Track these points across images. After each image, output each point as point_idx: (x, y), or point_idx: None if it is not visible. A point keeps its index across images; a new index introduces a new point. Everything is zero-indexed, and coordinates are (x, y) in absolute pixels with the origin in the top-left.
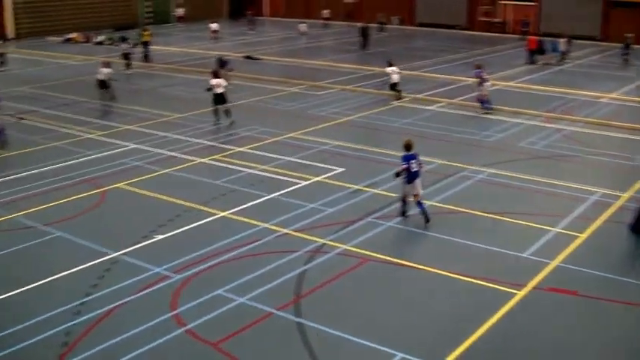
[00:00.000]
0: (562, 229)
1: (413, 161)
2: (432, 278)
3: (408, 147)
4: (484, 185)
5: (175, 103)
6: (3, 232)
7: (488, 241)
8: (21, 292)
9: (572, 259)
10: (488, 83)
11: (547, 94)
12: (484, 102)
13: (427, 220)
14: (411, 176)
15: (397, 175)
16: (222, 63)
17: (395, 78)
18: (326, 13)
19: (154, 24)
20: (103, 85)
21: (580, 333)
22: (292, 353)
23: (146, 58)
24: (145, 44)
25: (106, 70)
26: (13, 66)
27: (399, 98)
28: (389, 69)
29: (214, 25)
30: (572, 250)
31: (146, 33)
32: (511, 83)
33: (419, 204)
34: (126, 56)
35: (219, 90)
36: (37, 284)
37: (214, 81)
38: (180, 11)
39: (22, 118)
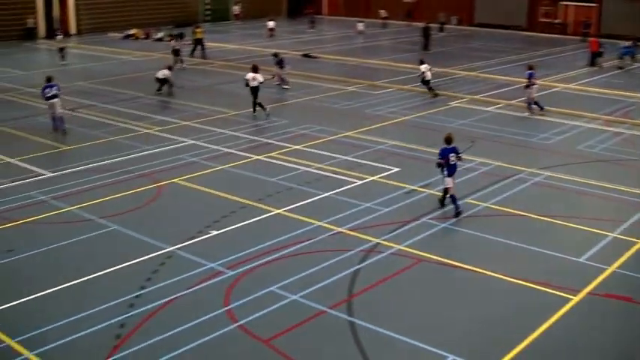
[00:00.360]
0: (619, 234)
1: (452, 155)
2: (486, 280)
3: (448, 140)
4: (541, 188)
5: (232, 100)
6: (61, 224)
7: (544, 244)
8: (77, 283)
9: (628, 265)
10: (536, 86)
11: (608, 97)
12: (530, 103)
13: (457, 215)
14: (450, 169)
15: (439, 165)
16: (278, 61)
17: (428, 75)
18: (384, 12)
19: (213, 21)
20: (162, 82)
21: (635, 340)
22: (343, 352)
23: (201, 55)
24: (198, 41)
25: (166, 72)
26: (74, 61)
27: (436, 95)
28: (422, 67)
29: (271, 23)
30: (629, 256)
31: (198, 30)
32: (571, 85)
33: (452, 197)
34: (176, 52)
35: (254, 83)
36: (92, 276)
37: (250, 75)
38: (236, 9)
39: (73, 110)
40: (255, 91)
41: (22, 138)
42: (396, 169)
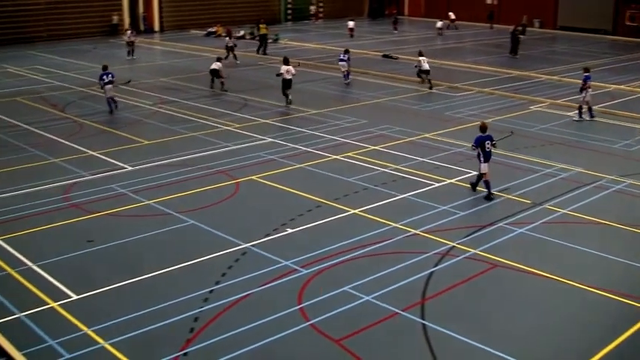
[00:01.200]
0: None
1: (487, 142)
2: (563, 289)
3: (483, 129)
4: (622, 196)
5: (311, 99)
6: (140, 217)
7: (624, 254)
8: (154, 275)
9: None
10: (590, 90)
11: None
12: (581, 109)
13: (488, 198)
14: (486, 155)
15: (474, 147)
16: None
17: (425, 66)
18: (452, 15)
19: (294, 20)
20: (215, 74)
21: None
22: (415, 355)
23: (262, 51)
24: (263, 37)
25: (218, 64)
26: (157, 57)
27: (430, 87)
28: (420, 58)
29: (351, 23)
30: None
31: (262, 26)
32: None
33: (486, 182)
34: (230, 49)
35: (288, 76)
36: (168, 269)
37: (284, 68)
38: (312, 9)
39: (155, 105)
40: (287, 83)
41: (105, 132)
42: (474, 173)
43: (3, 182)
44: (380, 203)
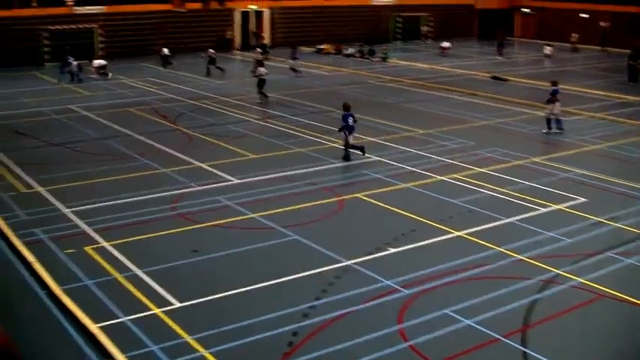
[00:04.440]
0: None
1: (350, 118)
2: None
3: (346, 108)
4: None
5: (420, 119)
6: (244, 229)
7: None
8: (255, 288)
9: None
10: (558, 103)
11: None
12: (549, 121)
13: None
14: (349, 129)
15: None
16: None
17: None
18: (575, 36)
19: (403, 40)
20: (262, 83)
21: None
22: None
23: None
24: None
25: (262, 70)
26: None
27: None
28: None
29: (446, 44)
30: None
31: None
32: None
33: (353, 146)
34: (259, 63)
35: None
36: (270, 283)
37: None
38: (423, 29)
39: (262, 119)
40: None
41: (213, 144)
42: (583, 200)
43: (114, 190)
44: (484, 226)
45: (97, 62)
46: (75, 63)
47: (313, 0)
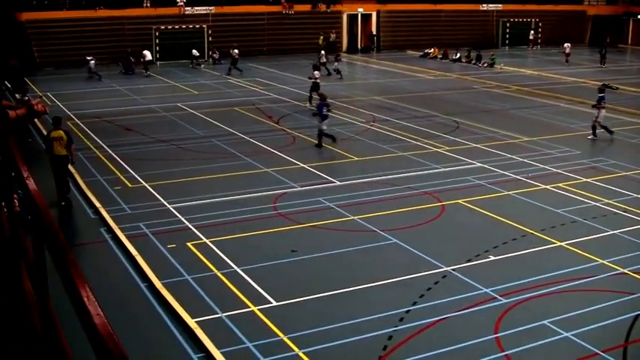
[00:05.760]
0: None
1: (324, 107)
2: None
3: (322, 97)
4: None
5: (525, 126)
6: (343, 231)
7: None
8: (352, 290)
9: None
10: (603, 110)
11: None
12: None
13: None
14: (323, 117)
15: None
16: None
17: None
18: None
19: (511, 45)
20: (315, 87)
21: None
22: None
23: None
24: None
25: (316, 74)
26: (372, 76)
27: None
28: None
29: (567, 46)
30: None
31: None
32: None
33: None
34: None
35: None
36: (367, 285)
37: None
38: (532, 34)
39: (367, 122)
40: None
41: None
42: None
43: (217, 187)
44: (588, 238)
45: (147, 53)
46: (93, 62)
47: (422, 5)
